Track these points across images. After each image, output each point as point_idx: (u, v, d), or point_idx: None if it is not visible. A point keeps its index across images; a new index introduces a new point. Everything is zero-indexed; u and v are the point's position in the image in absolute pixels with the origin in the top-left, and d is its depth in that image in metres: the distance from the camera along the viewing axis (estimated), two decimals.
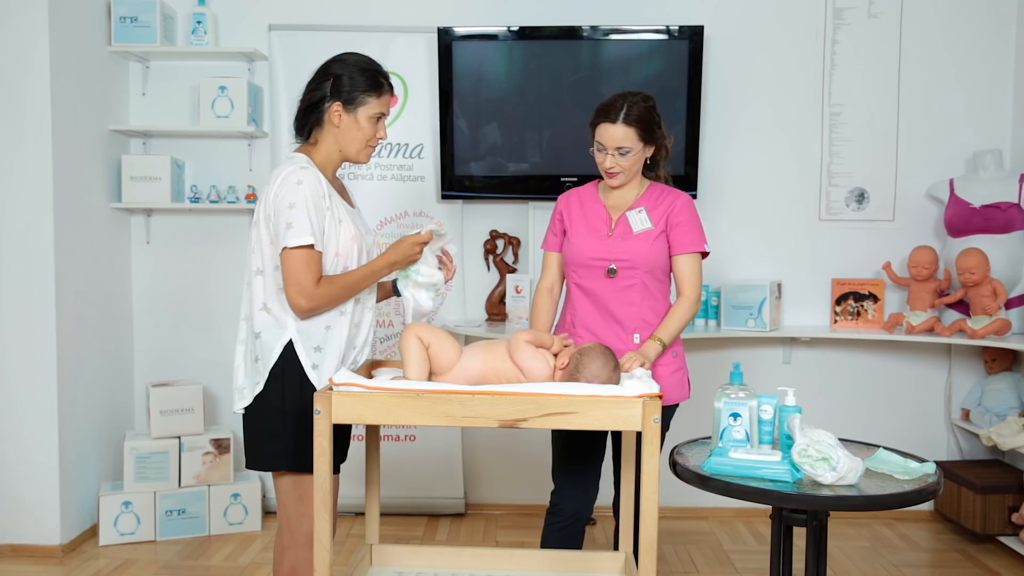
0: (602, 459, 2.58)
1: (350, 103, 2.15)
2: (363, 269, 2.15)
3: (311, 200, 2.04)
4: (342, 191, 2.28)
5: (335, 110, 2.15)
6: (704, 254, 2.50)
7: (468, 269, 3.96)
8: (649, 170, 2.52)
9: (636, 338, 2.44)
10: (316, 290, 2.05)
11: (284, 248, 2.03)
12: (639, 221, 2.46)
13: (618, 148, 2.38)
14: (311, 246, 2.02)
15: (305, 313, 2.07)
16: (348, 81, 2.15)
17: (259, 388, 2.12)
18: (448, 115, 3.73)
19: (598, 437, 2.53)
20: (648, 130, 2.40)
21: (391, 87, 2.22)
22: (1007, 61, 3.87)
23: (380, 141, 2.23)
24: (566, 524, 2.55)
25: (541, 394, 1.89)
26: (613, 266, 2.45)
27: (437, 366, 2.08)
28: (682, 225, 2.46)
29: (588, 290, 2.49)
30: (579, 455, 2.53)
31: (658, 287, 2.50)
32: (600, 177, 2.52)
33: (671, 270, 2.52)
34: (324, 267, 2.10)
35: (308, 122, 2.19)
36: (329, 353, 2.13)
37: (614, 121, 2.37)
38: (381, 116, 2.20)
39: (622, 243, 2.45)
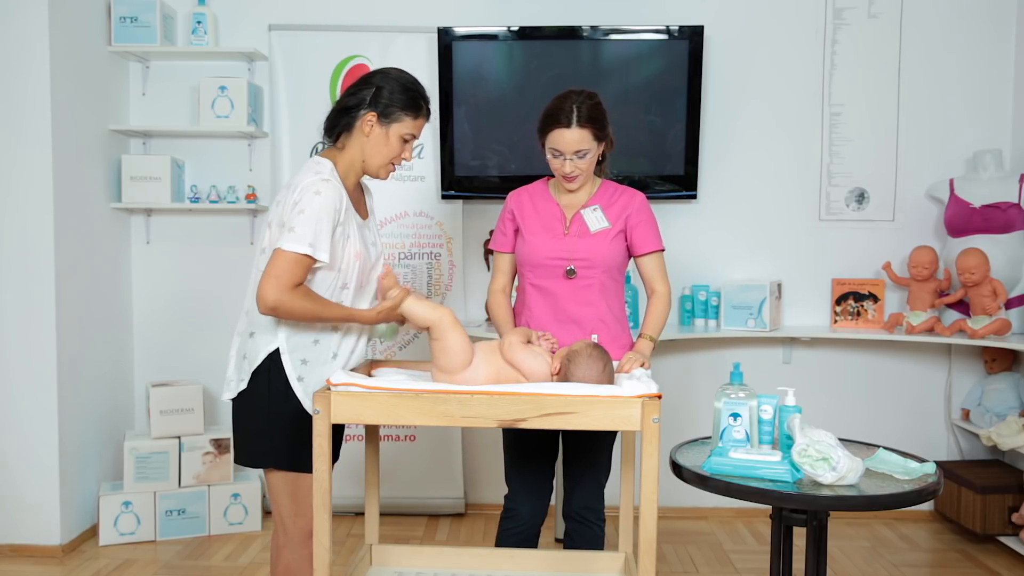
0: (555, 459, 2.53)
1: (385, 116, 2.14)
2: (345, 311, 2.10)
3: (324, 212, 2.02)
4: (359, 200, 2.26)
5: (368, 119, 2.13)
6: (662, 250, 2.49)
7: (468, 269, 3.96)
8: (596, 165, 2.48)
9: (594, 338, 2.38)
10: (290, 292, 1.98)
11: (278, 248, 2.01)
12: (595, 220, 2.43)
13: (576, 152, 2.34)
14: (306, 256, 2.00)
15: (267, 308, 1.99)
16: (388, 95, 2.13)
17: (243, 386, 2.12)
18: (448, 115, 3.73)
19: (549, 437, 2.48)
20: (601, 127, 2.36)
21: (428, 112, 2.21)
22: (1007, 61, 3.87)
23: (403, 161, 2.22)
24: (522, 528, 2.49)
25: (540, 394, 1.89)
26: (572, 267, 2.41)
27: (445, 365, 2.06)
28: (642, 224, 2.44)
29: (545, 290, 2.45)
30: (532, 456, 2.48)
31: (614, 287, 2.47)
32: (550, 175, 2.50)
33: (626, 269, 2.50)
34: (323, 280, 2.08)
35: (338, 124, 2.17)
36: (316, 366, 2.11)
37: (568, 125, 2.31)
38: (411, 137, 2.19)
39: (579, 242, 2.42)
